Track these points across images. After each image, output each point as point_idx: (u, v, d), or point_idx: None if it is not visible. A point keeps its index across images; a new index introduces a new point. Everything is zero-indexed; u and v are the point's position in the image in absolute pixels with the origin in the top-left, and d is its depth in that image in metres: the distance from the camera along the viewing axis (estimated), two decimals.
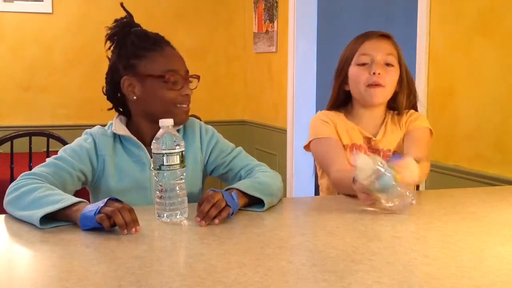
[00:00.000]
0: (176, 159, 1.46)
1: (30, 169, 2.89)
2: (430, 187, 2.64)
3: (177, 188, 1.48)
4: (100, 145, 1.71)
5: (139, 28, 1.77)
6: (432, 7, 2.67)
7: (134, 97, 1.71)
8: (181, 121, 1.72)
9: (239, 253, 1.23)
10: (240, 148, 1.85)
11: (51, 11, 4.32)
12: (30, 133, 2.97)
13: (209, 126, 1.86)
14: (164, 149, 1.46)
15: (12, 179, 2.89)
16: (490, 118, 2.39)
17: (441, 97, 2.65)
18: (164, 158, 1.46)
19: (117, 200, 1.42)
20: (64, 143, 2.89)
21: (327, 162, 1.85)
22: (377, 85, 1.82)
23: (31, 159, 2.93)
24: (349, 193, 1.69)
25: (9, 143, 2.89)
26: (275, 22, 4.19)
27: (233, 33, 4.75)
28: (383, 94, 1.86)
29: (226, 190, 1.58)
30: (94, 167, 1.70)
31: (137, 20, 1.79)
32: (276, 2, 4.16)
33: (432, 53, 2.68)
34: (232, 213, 1.50)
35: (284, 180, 4.07)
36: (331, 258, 1.20)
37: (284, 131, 4.13)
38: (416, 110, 1.97)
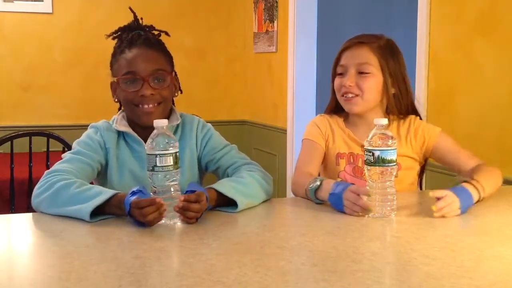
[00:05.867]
0: (170, 160, 1.45)
1: (30, 169, 2.90)
2: (430, 187, 2.64)
3: (172, 190, 1.47)
4: (105, 138, 1.74)
5: (139, 31, 1.76)
6: (432, 7, 2.66)
7: (116, 100, 1.79)
8: (143, 122, 1.70)
9: (239, 253, 1.23)
10: (233, 146, 1.85)
11: (51, 11, 4.31)
12: (30, 133, 2.97)
13: (208, 124, 1.86)
14: (157, 150, 1.45)
15: (12, 179, 2.89)
16: (490, 118, 2.39)
17: (441, 97, 2.65)
18: (157, 159, 1.44)
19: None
20: (64, 143, 2.89)
21: (299, 163, 1.91)
22: (349, 96, 1.83)
23: (31, 159, 2.93)
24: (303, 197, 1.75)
25: (9, 143, 2.89)
26: (275, 22, 4.19)
27: (233, 33, 4.74)
28: (358, 103, 1.84)
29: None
30: (105, 158, 1.74)
31: None
32: (276, 2, 4.16)
33: (432, 54, 2.68)
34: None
35: (284, 180, 4.12)
36: (331, 258, 1.20)
37: (284, 131, 4.12)
38: (415, 111, 1.93)
